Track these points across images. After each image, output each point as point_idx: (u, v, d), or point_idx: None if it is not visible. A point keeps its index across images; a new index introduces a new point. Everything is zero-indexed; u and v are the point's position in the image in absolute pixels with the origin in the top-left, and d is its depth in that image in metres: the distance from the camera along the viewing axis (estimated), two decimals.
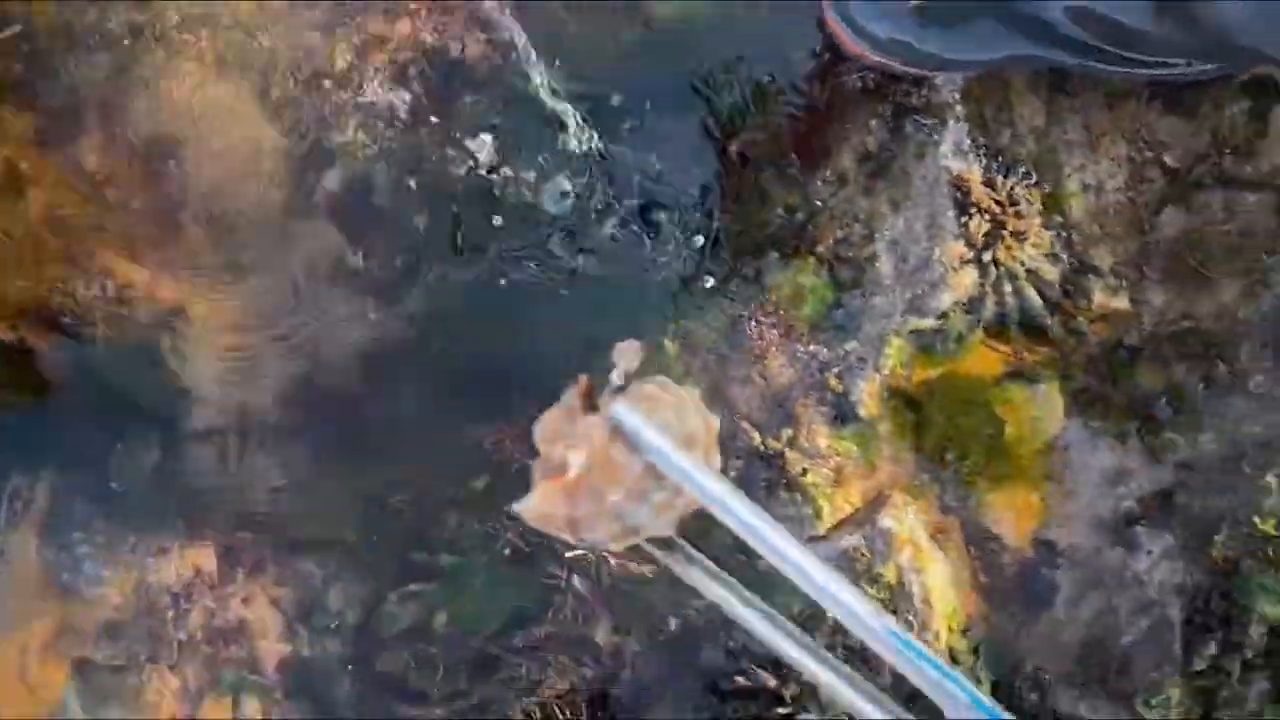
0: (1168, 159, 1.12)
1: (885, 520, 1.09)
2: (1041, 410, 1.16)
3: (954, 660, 1.10)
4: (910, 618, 1.09)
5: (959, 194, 1.07)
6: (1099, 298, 1.15)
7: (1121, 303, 1.17)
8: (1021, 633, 1.16)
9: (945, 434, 1.12)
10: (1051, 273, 1.11)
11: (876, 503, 1.10)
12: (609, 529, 0.58)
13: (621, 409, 0.54)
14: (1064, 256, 1.11)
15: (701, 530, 0.61)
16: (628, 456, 0.55)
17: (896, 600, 1.08)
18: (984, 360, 1.14)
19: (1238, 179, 1.12)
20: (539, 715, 1.03)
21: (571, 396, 0.58)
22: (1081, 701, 1.19)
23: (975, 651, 1.16)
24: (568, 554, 1.01)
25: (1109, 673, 1.20)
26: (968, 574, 1.16)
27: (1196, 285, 1.16)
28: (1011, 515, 1.15)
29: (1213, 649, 1.16)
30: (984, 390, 1.12)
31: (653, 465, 0.55)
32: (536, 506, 0.58)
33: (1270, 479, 1.19)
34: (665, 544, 0.60)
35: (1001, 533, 1.15)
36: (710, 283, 1.04)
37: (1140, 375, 1.22)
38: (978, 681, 1.13)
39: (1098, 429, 1.16)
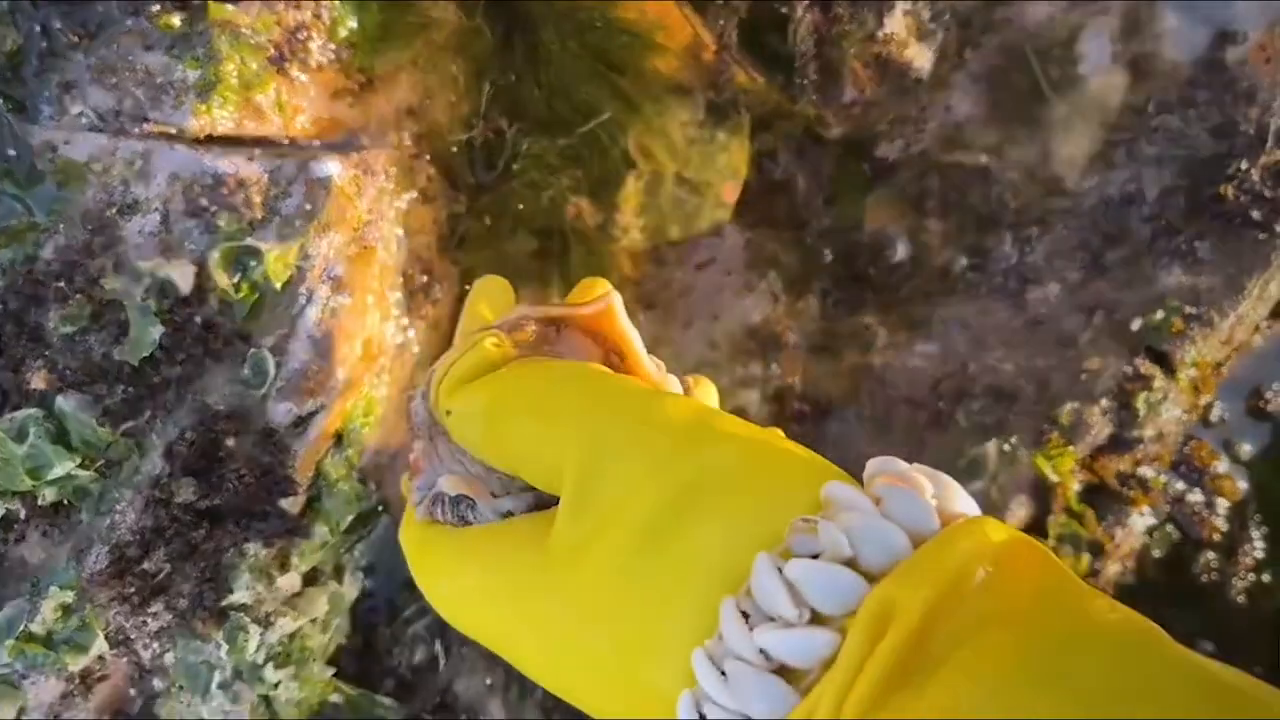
0: None
1: (328, 166, 0.67)
2: (703, 169, 0.79)
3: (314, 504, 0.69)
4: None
5: None
6: (896, 22, 0.77)
7: (920, 57, 0.81)
8: None
9: (552, 81, 0.73)
10: None
11: (330, 137, 0.70)
12: None
13: None
14: None
15: None
16: None
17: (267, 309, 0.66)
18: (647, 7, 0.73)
19: None
20: None
21: None
22: None
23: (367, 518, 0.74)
24: None
25: None
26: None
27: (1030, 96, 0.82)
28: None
29: None
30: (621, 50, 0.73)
31: None
32: None
33: None
34: None
35: None
36: None
37: (876, 206, 0.86)
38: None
39: (763, 254, 0.82)
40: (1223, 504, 0.98)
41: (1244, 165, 0.79)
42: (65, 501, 0.65)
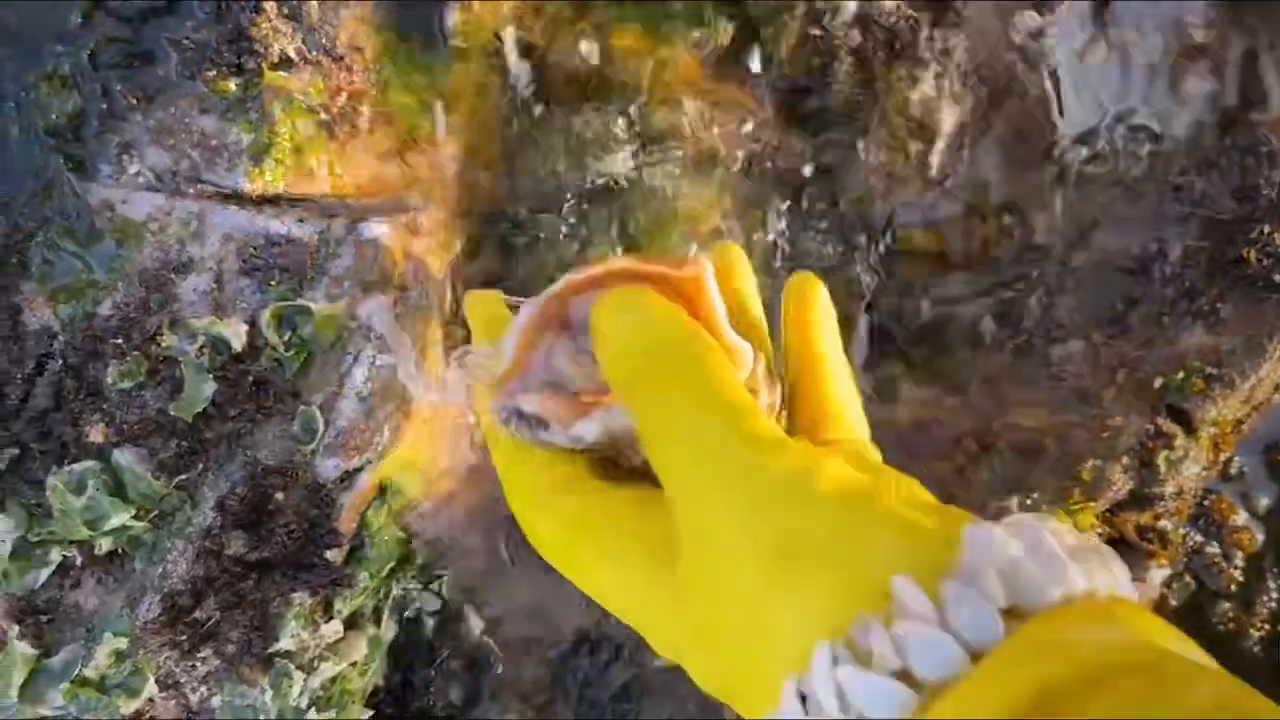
0: None
1: (375, 227, 0.71)
2: None
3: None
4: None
5: None
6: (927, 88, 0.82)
7: (948, 120, 0.85)
8: None
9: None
10: None
11: (378, 198, 0.72)
12: None
13: None
14: None
15: None
16: None
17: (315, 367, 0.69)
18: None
19: None
20: None
21: None
22: None
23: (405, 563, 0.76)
24: None
25: None
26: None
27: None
28: None
29: None
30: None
31: None
32: None
33: None
34: None
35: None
36: None
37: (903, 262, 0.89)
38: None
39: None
40: (1240, 556, 0.99)
41: (1266, 229, 0.81)
42: (120, 550, 0.67)
